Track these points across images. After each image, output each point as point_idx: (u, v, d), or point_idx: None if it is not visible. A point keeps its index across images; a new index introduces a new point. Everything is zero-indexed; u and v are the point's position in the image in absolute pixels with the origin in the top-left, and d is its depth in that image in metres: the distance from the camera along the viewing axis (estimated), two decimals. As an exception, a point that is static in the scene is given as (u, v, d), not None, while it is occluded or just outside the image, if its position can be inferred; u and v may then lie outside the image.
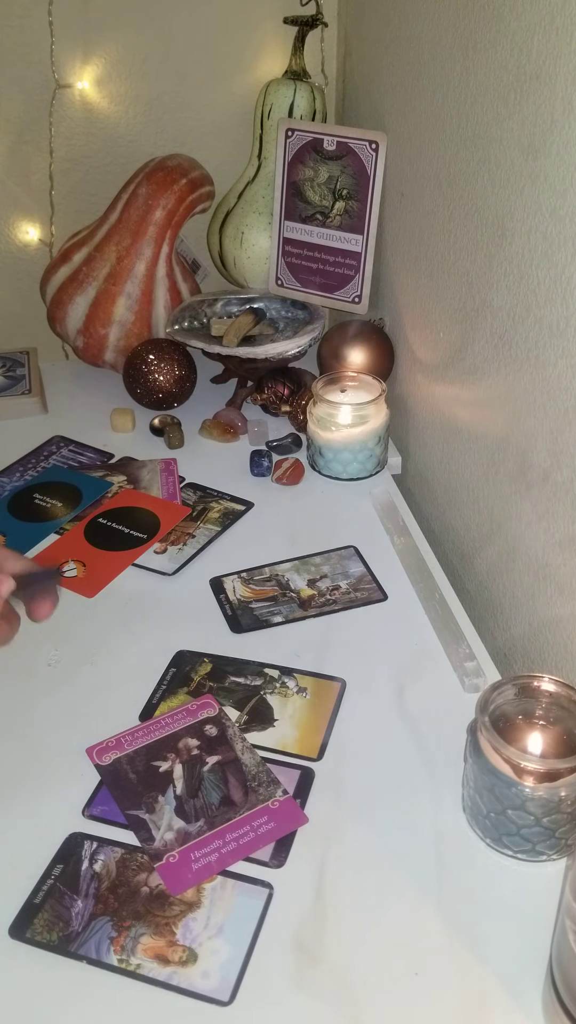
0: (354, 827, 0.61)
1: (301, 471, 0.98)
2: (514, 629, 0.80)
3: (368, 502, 0.94)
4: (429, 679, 0.73)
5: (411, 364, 1.02)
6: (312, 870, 0.58)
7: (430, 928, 0.55)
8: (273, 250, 1.14)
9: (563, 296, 0.65)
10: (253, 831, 0.60)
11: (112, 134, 1.21)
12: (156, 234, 1.10)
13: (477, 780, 0.58)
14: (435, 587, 0.81)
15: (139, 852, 0.59)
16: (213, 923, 0.55)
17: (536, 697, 0.61)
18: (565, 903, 0.46)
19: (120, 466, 1.01)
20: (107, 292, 1.10)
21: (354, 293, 1.09)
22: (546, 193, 0.66)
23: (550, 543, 0.72)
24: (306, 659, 0.75)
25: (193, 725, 0.68)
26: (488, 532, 0.84)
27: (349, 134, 1.04)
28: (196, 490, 0.97)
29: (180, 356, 1.08)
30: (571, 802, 0.55)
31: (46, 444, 1.06)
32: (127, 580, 0.84)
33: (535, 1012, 0.50)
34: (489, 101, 0.74)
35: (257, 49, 1.20)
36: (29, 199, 1.23)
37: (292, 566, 0.85)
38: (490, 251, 0.77)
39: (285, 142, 1.09)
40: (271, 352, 1.03)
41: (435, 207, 0.88)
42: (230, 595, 0.82)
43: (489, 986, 0.52)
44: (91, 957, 0.53)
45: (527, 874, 0.58)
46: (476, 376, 0.83)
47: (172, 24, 1.16)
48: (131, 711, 0.70)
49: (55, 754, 0.66)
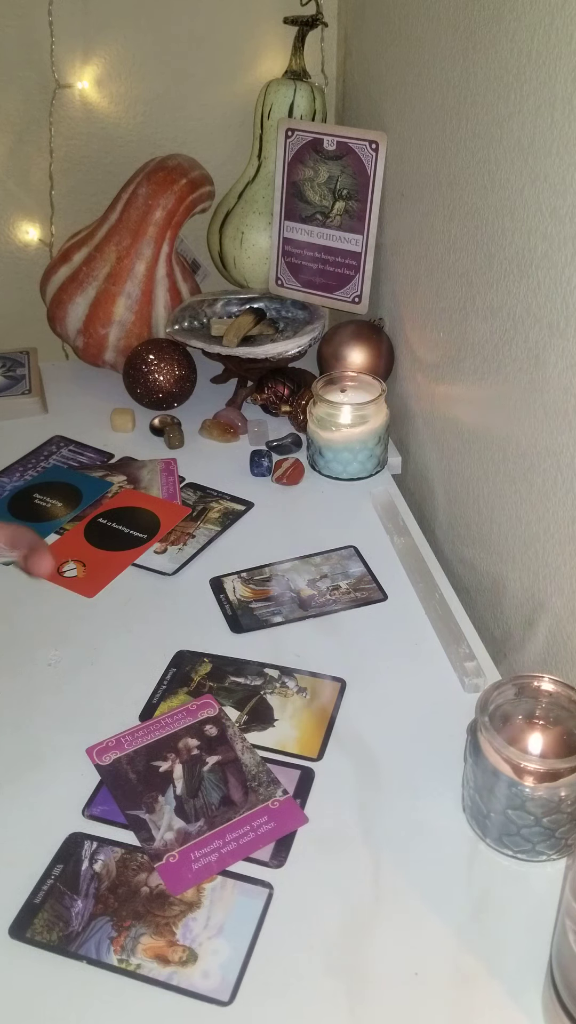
0: (354, 827, 0.61)
1: (301, 471, 0.98)
2: (514, 629, 0.80)
3: (368, 502, 0.94)
4: (429, 679, 0.73)
5: (411, 364, 1.02)
6: (312, 870, 0.58)
7: (430, 928, 0.55)
8: (273, 250, 1.14)
9: (563, 296, 0.65)
10: (253, 831, 0.60)
11: (112, 134, 1.21)
12: (156, 234, 1.10)
13: (477, 780, 0.58)
14: (435, 587, 0.81)
15: (139, 852, 0.59)
16: (213, 923, 0.55)
17: (536, 697, 0.61)
18: (565, 903, 0.46)
19: (120, 466, 1.01)
20: (107, 292, 1.10)
21: (354, 293, 1.09)
22: (546, 193, 0.66)
23: (550, 543, 0.72)
24: (306, 659, 0.75)
25: (193, 725, 0.68)
26: (488, 532, 0.84)
27: (349, 134, 1.04)
28: (196, 490, 0.97)
29: (180, 356, 1.08)
30: (571, 802, 0.55)
31: (46, 444, 1.06)
32: (127, 580, 0.84)
33: (535, 1012, 0.50)
34: (489, 101, 0.74)
35: (257, 49, 1.20)
36: (29, 199, 1.23)
37: (292, 566, 0.85)
38: (490, 251, 0.77)
39: (285, 142, 1.09)
40: (271, 352, 1.03)
41: (435, 207, 0.88)
42: (230, 595, 0.82)
43: (489, 986, 0.52)
44: (91, 957, 0.53)
45: (527, 874, 0.58)
46: (476, 376, 0.83)
47: (172, 24, 1.16)
48: (131, 711, 0.70)
49: (55, 754, 0.67)
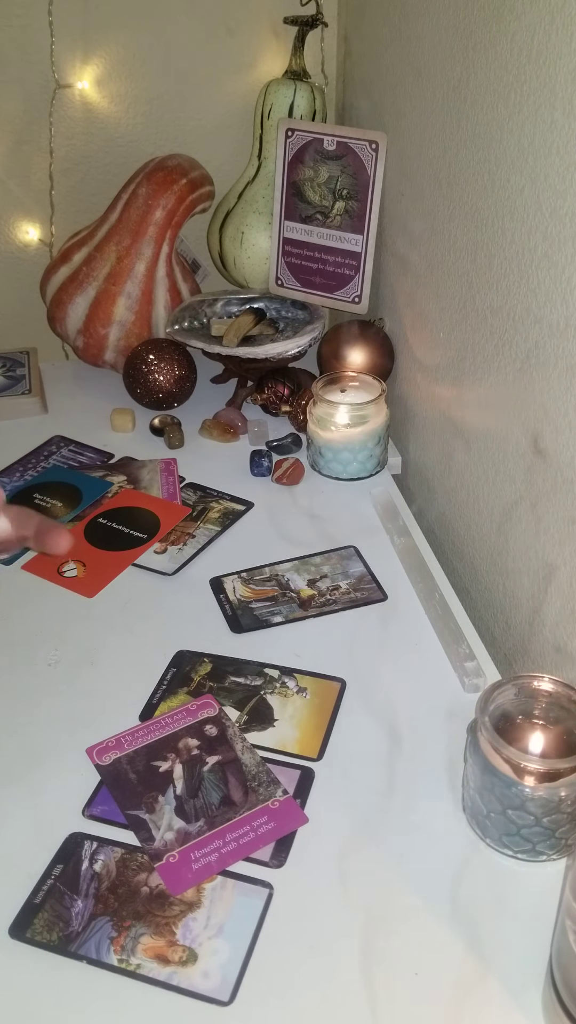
0: (354, 827, 0.61)
1: (301, 471, 0.98)
2: (514, 629, 0.80)
3: (368, 502, 0.94)
4: (429, 679, 0.73)
5: (411, 364, 1.02)
6: (312, 870, 0.58)
7: (430, 928, 0.55)
8: (273, 250, 1.14)
9: (563, 296, 0.65)
10: (253, 831, 0.60)
11: (112, 134, 1.21)
12: (156, 234, 1.10)
13: (477, 780, 0.58)
14: (435, 587, 0.81)
15: (139, 852, 0.59)
16: (213, 923, 0.55)
17: (536, 697, 0.61)
18: (565, 903, 0.46)
19: (120, 466, 1.01)
20: (107, 292, 1.10)
21: (354, 293, 1.09)
22: (546, 193, 0.66)
23: (550, 543, 0.72)
24: (306, 659, 0.75)
25: (193, 725, 0.68)
26: (488, 532, 0.84)
27: (349, 134, 1.04)
28: (196, 490, 0.97)
29: (180, 356, 1.08)
30: (571, 802, 0.55)
31: (46, 444, 1.06)
32: (127, 580, 0.84)
33: (535, 1012, 0.50)
34: (489, 101, 0.74)
35: (257, 49, 1.20)
36: (29, 199, 1.23)
37: (292, 566, 0.85)
38: (490, 251, 0.77)
39: (285, 142, 1.09)
40: (271, 352, 1.03)
41: (435, 207, 0.88)
42: (230, 595, 0.82)
43: (489, 986, 0.52)
44: (91, 957, 0.53)
45: (527, 874, 0.58)
46: (476, 376, 0.83)
47: (172, 24, 1.16)
48: (131, 711, 0.70)
49: (55, 754, 0.67)
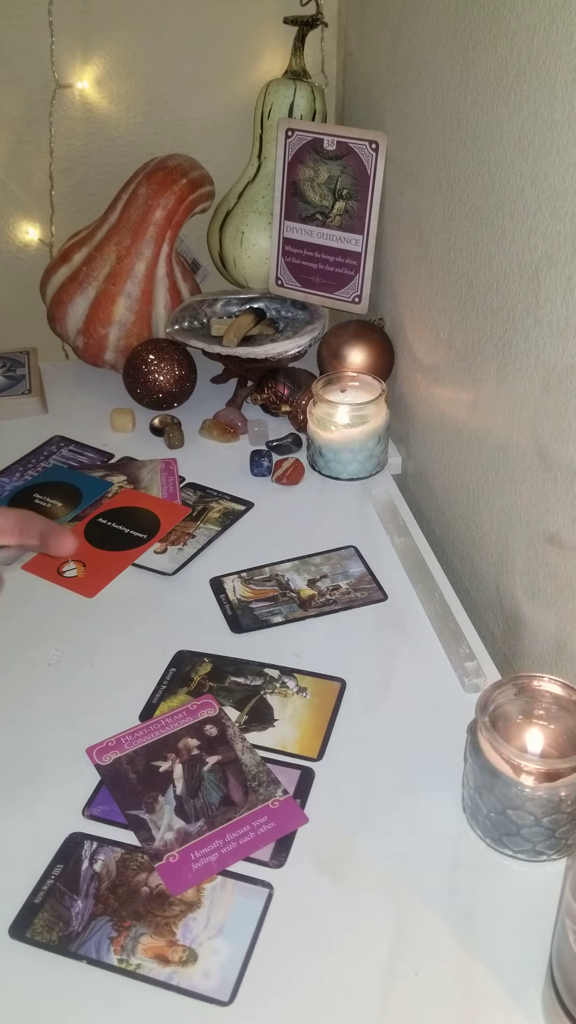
0: (354, 827, 0.61)
1: (301, 471, 0.98)
2: (514, 629, 0.80)
3: (368, 502, 0.94)
4: (429, 679, 0.73)
5: (411, 364, 1.02)
6: (312, 870, 0.58)
7: (430, 928, 0.55)
8: (273, 250, 1.14)
9: (563, 296, 0.65)
10: (253, 831, 0.60)
11: (112, 134, 1.21)
12: (156, 234, 1.10)
13: (477, 780, 0.58)
14: (435, 587, 0.81)
15: (139, 852, 0.59)
16: (213, 923, 0.55)
17: (536, 697, 0.61)
18: (565, 903, 0.46)
19: (120, 466, 1.01)
20: (107, 292, 1.10)
21: (354, 293, 1.09)
22: (546, 193, 0.66)
23: (551, 543, 0.72)
24: (306, 659, 0.75)
25: (193, 725, 0.68)
26: (488, 532, 0.84)
27: (349, 134, 1.04)
28: (196, 490, 0.97)
29: (180, 356, 1.08)
30: (571, 802, 0.55)
31: (46, 444, 1.06)
32: (127, 580, 0.84)
33: (535, 1012, 0.50)
34: (489, 101, 0.74)
35: (257, 49, 1.20)
36: (29, 199, 1.23)
37: (292, 566, 0.85)
38: (490, 251, 0.77)
39: (285, 142, 1.09)
40: (271, 352, 1.03)
41: (435, 207, 0.88)
42: (230, 595, 0.82)
43: (489, 986, 0.52)
44: (91, 957, 0.53)
45: (527, 874, 0.58)
46: (476, 376, 0.83)
47: (172, 24, 1.16)
48: (131, 711, 0.70)
49: (55, 754, 0.66)
